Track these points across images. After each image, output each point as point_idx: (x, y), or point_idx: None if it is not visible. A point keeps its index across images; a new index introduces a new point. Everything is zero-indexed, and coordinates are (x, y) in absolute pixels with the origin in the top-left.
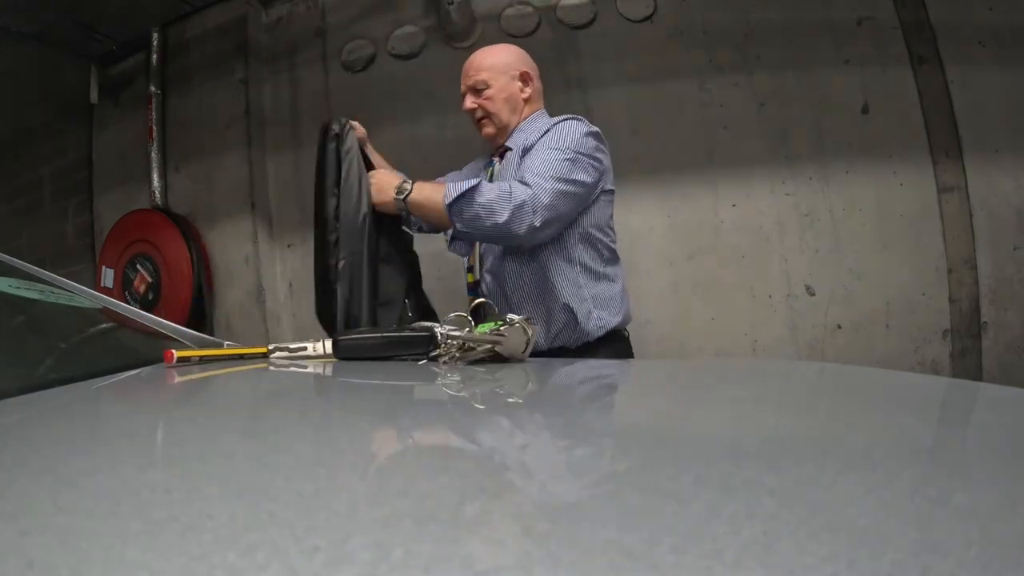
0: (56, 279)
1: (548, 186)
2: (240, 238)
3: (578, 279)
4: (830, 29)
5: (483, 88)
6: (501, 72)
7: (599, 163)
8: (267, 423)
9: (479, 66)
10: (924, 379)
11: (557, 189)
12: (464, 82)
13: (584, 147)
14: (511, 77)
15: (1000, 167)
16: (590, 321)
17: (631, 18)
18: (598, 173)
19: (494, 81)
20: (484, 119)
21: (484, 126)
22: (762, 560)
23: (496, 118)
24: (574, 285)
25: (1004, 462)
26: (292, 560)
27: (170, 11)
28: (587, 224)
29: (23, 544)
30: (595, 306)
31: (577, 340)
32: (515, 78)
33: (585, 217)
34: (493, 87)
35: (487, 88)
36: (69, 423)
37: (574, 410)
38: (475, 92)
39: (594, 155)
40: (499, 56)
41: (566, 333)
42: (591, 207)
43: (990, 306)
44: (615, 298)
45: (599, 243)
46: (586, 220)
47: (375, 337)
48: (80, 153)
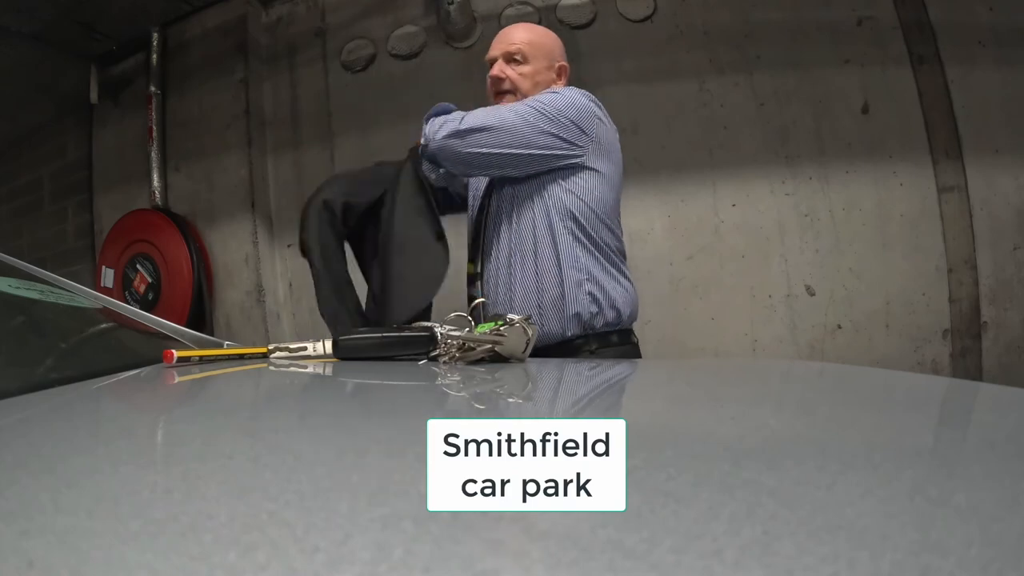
0: (56, 279)
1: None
2: (240, 238)
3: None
4: (830, 29)
5: (519, 61)
6: (544, 55)
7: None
8: (267, 423)
9: (521, 38)
10: (924, 379)
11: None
12: (498, 47)
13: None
14: (550, 66)
15: (1000, 167)
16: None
17: (631, 18)
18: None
19: (533, 60)
20: (508, 93)
21: (503, 100)
22: (762, 560)
23: (522, 94)
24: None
25: (1004, 462)
26: (292, 560)
27: (170, 11)
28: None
29: (23, 544)
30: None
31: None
32: (553, 69)
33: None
34: (530, 65)
35: (523, 63)
36: (69, 423)
37: (573, 410)
38: (508, 61)
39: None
40: (545, 38)
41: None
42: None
43: (990, 306)
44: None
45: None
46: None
47: (375, 337)
48: (80, 153)
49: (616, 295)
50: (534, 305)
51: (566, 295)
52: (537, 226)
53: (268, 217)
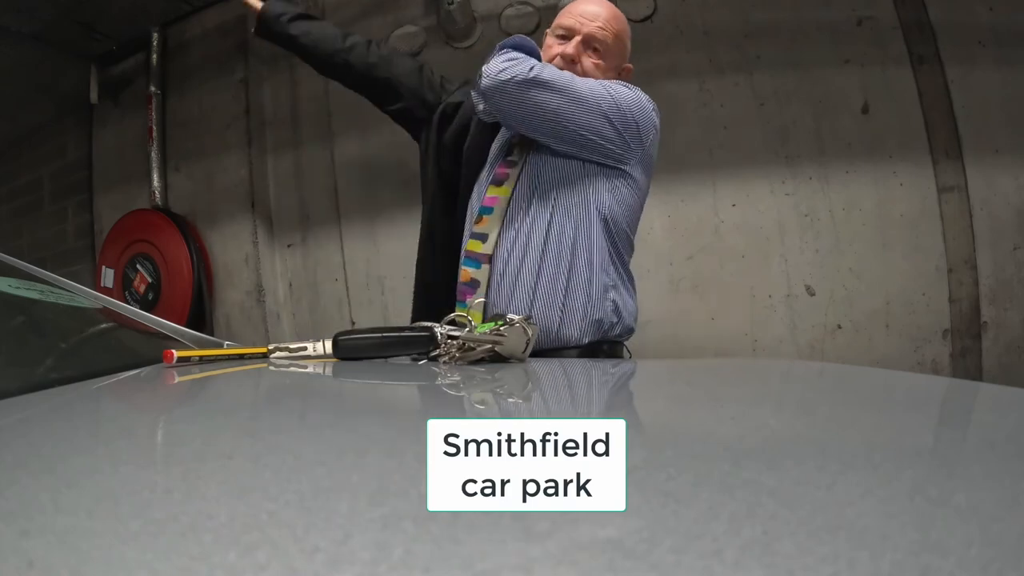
0: (56, 279)
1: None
2: (240, 238)
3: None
4: (830, 29)
5: (598, 51)
6: (619, 54)
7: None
8: (267, 423)
9: (612, 25)
10: (924, 379)
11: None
12: (582, 21)
13: (633, 105)
14: (619, 66)
15: (1000, 167)
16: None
17: (631, 18)
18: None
19: (609, 56)
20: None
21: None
22: (762, 560)
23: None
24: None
25: (1004, 462)
26: (292, 560)
27: (170, 11)
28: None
29: (23, 544)
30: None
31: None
32: (619, 68)
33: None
34: (606, 61)
35: (601, 56)
36: (69, 423)
37: (573, 410)
38: (588, 45)
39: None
40: (627, 36)
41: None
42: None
43: (990, 306)
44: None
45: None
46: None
47: (375, 337)
48: (80, 153)
49: (631, 307)
50: (557, 305)
51: (592, 299)
52: (580, 221)
53: (268, 217)
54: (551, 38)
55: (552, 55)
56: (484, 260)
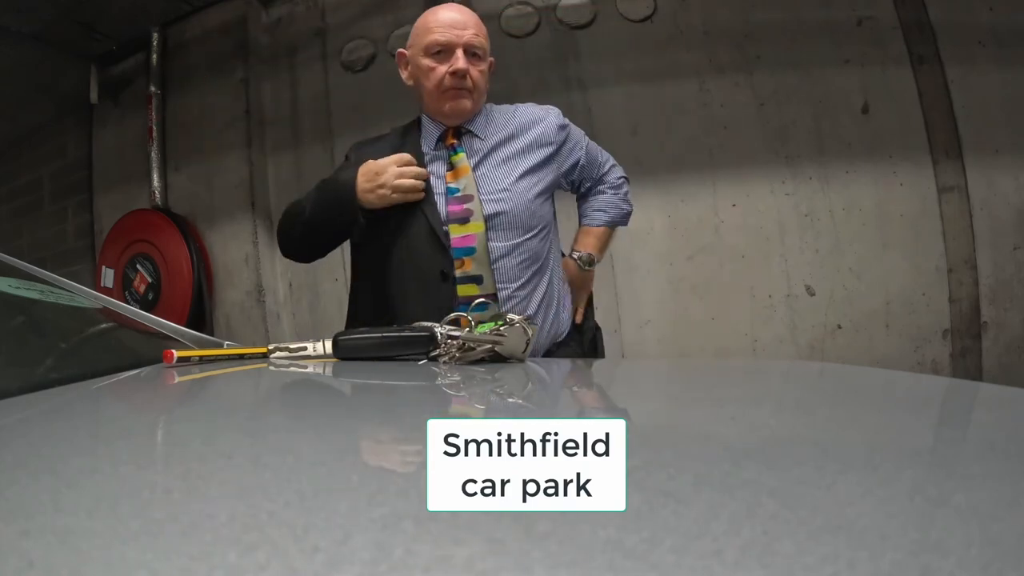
0: (56, 279)
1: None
2: (240, 238)
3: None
4: (830, 29)
5: (479, 56)
6: (487, 52)
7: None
8: (267, 423)
9: (480, 29)
10: (924, 379)
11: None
12: (458, 34)
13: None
14: (488, 63)
15: (1000, 167)
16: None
17: (631, 18)
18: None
19: (485, 57)
20: (469, 92)
21: (463, 98)
22: (762, 560)
23: (478, 96)
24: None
25: (1004, 462)
26: (292, 560)
27: (170, 11)
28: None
29: (23, 544)
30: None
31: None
32: (489, 66)
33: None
34: (484, 63)
35: (482, 60)
36: (69, 423)
37: (573, 410)
38: (468, 54)
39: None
40: (486, 32)
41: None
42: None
43: (990, 306)
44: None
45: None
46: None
47: (375, 337)
48: (80, 153)
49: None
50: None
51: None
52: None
53: (268, 217)
54: (425, 59)
55: (440, 75)
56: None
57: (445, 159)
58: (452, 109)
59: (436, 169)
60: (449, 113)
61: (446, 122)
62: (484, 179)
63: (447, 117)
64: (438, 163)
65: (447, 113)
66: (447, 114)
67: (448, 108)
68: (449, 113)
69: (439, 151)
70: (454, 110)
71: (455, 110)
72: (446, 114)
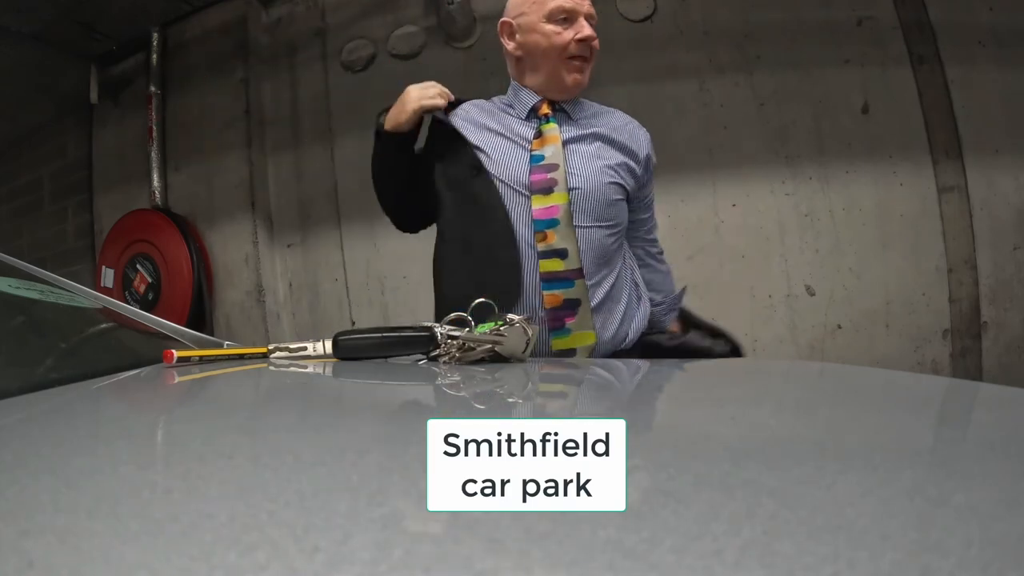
0: (56, 279)
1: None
2: (240, 238)
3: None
4: (830, 29)
5: (594, 30)
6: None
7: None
8: (267, 423)
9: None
10: (924, 379)
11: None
12: (580, 3)
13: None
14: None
15: (1000, 167)
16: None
17: (631, 18)
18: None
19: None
20: (588, 62)
21: (582, 71)
22: (762, 560)
23: (591, 70)
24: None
25: (1004, 462)
26: (292, 560)
27: (170, 11)
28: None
29: (23, 544)
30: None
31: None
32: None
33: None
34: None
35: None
36: (69, 423)
37: (573, 410)
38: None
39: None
40: None
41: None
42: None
43: (990, 306)
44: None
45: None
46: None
47: (375, 337)
48: (80, 153)
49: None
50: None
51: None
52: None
53: (268, 217)
54: (549, 24)
55: (565, 40)
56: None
57: (534, 127)
58: (575, 82)
59: (523, 132)
60: (571, 86)
61: (550, 95)
62: (572, 154)
63: (561, 90)
64: (525, 128)
65: (568, 86)
66: (568, 86)
67: (571, 80)
68: (571, 86)
69: (530, 120)
70: (577, 83)
71: (578, 83)
72: (567, 86)
